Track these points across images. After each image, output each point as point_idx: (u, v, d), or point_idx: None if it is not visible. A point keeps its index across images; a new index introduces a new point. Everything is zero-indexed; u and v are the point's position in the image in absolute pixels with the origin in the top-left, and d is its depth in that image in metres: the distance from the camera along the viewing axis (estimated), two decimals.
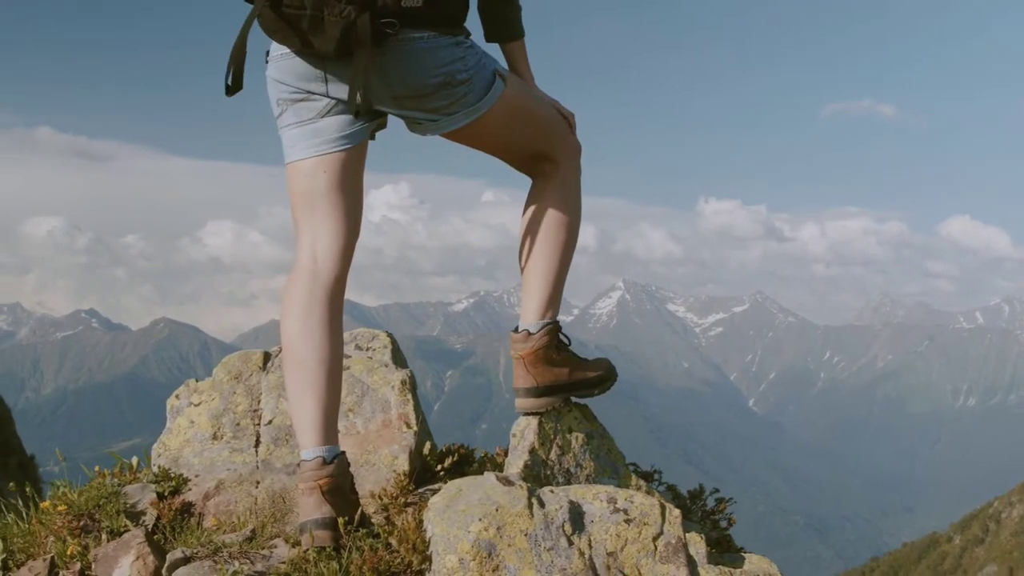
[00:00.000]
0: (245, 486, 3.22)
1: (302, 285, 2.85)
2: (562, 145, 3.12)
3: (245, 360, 3.70)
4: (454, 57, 2.78)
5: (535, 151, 3.10)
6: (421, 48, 2.72)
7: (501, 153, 3.14)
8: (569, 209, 3.14)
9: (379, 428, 3.44)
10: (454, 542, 2.52)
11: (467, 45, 2.83)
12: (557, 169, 3.12)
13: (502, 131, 3.01)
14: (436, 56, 2.75)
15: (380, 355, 3.69)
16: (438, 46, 2.75)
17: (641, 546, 2.65)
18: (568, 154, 3.13)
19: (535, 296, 3.14)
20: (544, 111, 3.09)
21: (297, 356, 2.81)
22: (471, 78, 2.82)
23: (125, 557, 2.68)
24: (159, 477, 3.29)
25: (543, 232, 3.13)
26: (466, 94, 2.82)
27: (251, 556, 2.72)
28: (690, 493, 3.65)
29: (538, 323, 3.13)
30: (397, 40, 2.67)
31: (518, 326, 3.17)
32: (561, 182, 3.13)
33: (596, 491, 2.75)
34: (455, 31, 2.80)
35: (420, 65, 2.74)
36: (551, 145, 3.10)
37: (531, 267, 3.14)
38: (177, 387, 3.71)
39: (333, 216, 2.87)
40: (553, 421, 3.15)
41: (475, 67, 2.84)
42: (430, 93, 2.79)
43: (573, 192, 3.15)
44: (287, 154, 2.88)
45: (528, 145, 3.09)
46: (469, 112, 2.86)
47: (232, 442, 3.46)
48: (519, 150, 3.12)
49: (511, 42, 3.07)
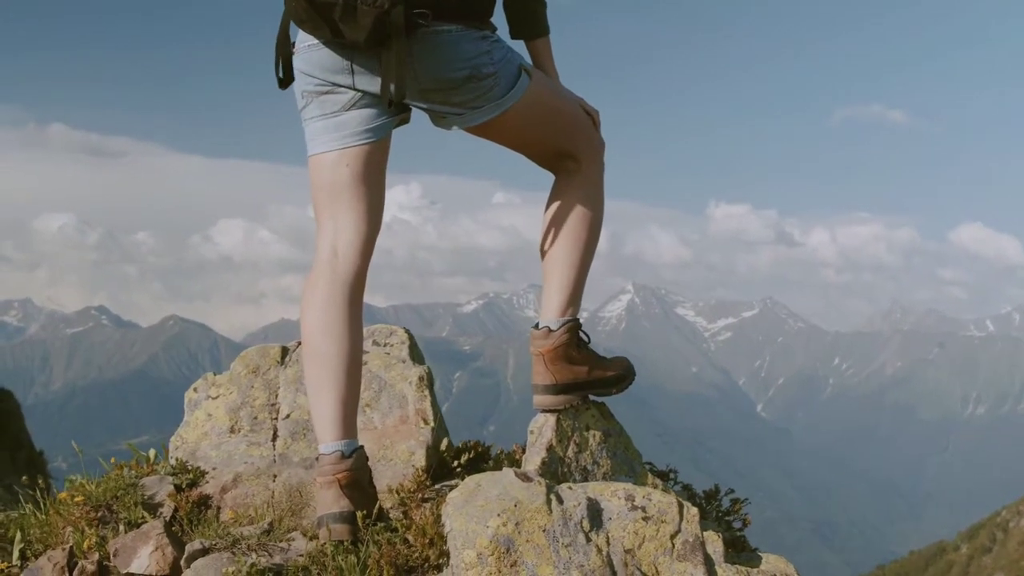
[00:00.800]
0: (262, 479, 3.23)
1: (323, 279, 2.85)
2: (586, 143, 3.11)
3: (263, 354, 3.71)
4: (481, 51, 2.78)
5: (558, 148, 3.09)
6: (449, 40, 2.73)
7: (524, 148, 3.13)
8: (591, 207, 3.13)
9: (396, 423, 3.44)
10: (472, 537, 2.52)
11: (493, 39, 2.84)
12: (580, 167, 3.11)
13: (526, 126, 3.00)
14: (463, 49, 2.75)
15: (398, 351, 3.70)
16: (465, 39, 2.75)
17: (659, 544, 2.65)
18: (592, 152, 3.12)
19: (556, 293, 3.14)
20: (569, 108, 3.08)
21: (317, 350, 2.81)
22: (497, 72, 2.82)
23: (144, 548, 2.69)
24: (177, 469, 3.30)
25: (565, 229, 3.12)
26: (492, 88, 2.82)
27: (269, 549, 2.73)
28: (705, 493, 3.66)
29: (559, 320, 3.12)
30: (425, 32, 2.68)
31: (538, 323, 3.17)
32: (584, 180, 3.12)
33: (614, 488, 2.74)
34: (482, 25, 2.81)
35: (447, 58, 2.74)
36: (574, 142, 3.09)
37: (552, 264, 3.14)
38: (186, 385, 3.73)
39: (355, 210, 2.88)
40: (571, 419, 3.15)
41: (501, 61, 2.84)
42: (456, 86, 2.79)
43: (595, 190, 3.14)
44: (310, 147, 2.88)
45: (552, 141, 3.08)
46: (494, 106, 2.86)
47: (250, 435, 3.47)
48: (542, 146, 3.11)
49: (536, 39, 3.06)
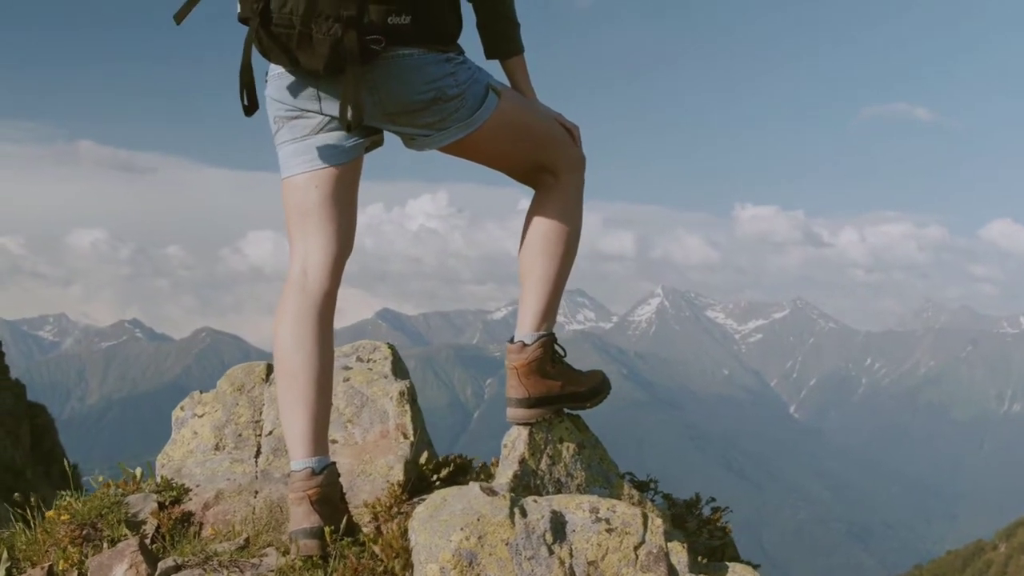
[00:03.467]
0: (244, 496, 3.30)
1: (293, 299, 2.92)
2: (563, 158, 3.15)
3: (248, 372, 3.78)
4: (444, 73, 2.83)
5: (534, 163, 3.14)
6: (410, 64, 2.77)
7: (500, 165, 3.18)
8: (568, 222, 3.17)
9: (377, 439, 3.50)
10: (435, 551, 2.57)
11: (458, 61, 2.88)
12: (557, 181, 3.15)
13: (498, 144, 3.05)
14: (425, 72, 2.80)
15: (380, 367, 3.75)
16: (427, 62, 2.79)
17: (622, 555, 2.69)
18: (569, 167, 3.16)
19: (531, 307, 3.18)
20: (542, 124, 3.12)
21: (288, 368, 2.88)
22: (462, 93, 2.87)
23: (119, 565, 2.76)
24: (161, 487, 3.38)
25: (541, 244, 3.16)
26: (458, 109, 2.87)
27: (240, 564, 2.79)
28: (686, 502, 3.69)
29: (533, 335, 3.17)
30: (386, 57, 2.72)
31: (513, 336, 3.21)
32: (561, 194, 3.16)
33: (579, 500, 2.79)
34: (445, 48, 2.85)
35: (410, 81, 2.79)
36: (551, 157, 3.13)
37: (528, 279, 3.18)
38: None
39: (324, 231, 2.94)
40: (544, 431, 3.19)
41: (467, 82, 2.88)
42: (421, 109, 2.84)
43: (573, 205, 3.19)
44: (283, 170, 2.95)
45: (526, 157, 3.13)
46: (462, 127, 2.90)
47: (233, 452, 3.54)
48: (517, 162, 3.16)
49: (511, 58, 3.10)
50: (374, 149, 3.08)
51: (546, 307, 3.19)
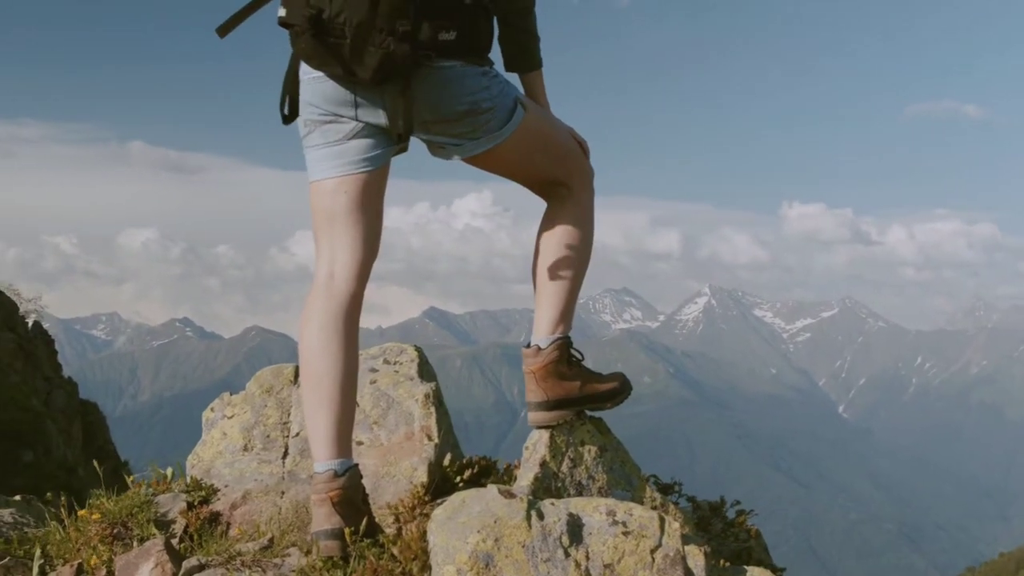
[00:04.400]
0: (271, 496, 3.35)
1: (319, 302, 2.97)
2: (577, 171, 3.23)
3: (277, 374, 3.84)
4: (480, 86, 2.91)
5: (551, 176, 3.22)
6: (451, 76, 2.85)
7: (518, 177, 3.26)
8: (581, 231, 3.24)
9: (402, 440, 3.54)
10: (452, 553, 2.60)
11: (492, 75, 2.96)
12: (571, 193, 3.23)
13: (520, 156, 3.12)
14: (464, 84, 2.87)
15: (407, 369, 3.79)
16: (466, 74, 2.87)
17: (639, 558, 2.70)
18: (582, 179, 3.24)
19: (546, 312, 3.23)
20: (561, 138, 3.20)
21: (313, 371, 2.92)
22: (495, 106, 2.94)
23: (145, 564, 2.83)
24: (190, 487, 3.44)
25: (555, 252, 3.23)
26: (489, 120, 2.95)
27: (263, 564, 2.85)
28: (710, 505, 3.70)
29: (548, 338, 3.21)
30: (428, 68, 2.80)
31: (529, 341, 3.26)
32: (574, 205, 3.24)
33: (596, 503, 2.80)
34: (482, 61, 2.93)
35: (449, 93, 2.86)
36: (566, 170, 3.21)
37: (543, 285, 3.24)
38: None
39: (351, 236, 2.99)
40: (565, 434, 3.22)
41: (499, 95, 2.96)
42: (457, 119, 2.91)
43: (586, 215, 3.26)
44: (311, 173, 3.00)
45: (544, 170, 3.20)
46: (492, 138, 2.98)
47: (261, 454, 3.60)
48: (535, 174, 3.23)
49: (530, 72, 3.17)
50: (399, 155, 3.13)
51: (560, 313, 3.24)
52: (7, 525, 3.61)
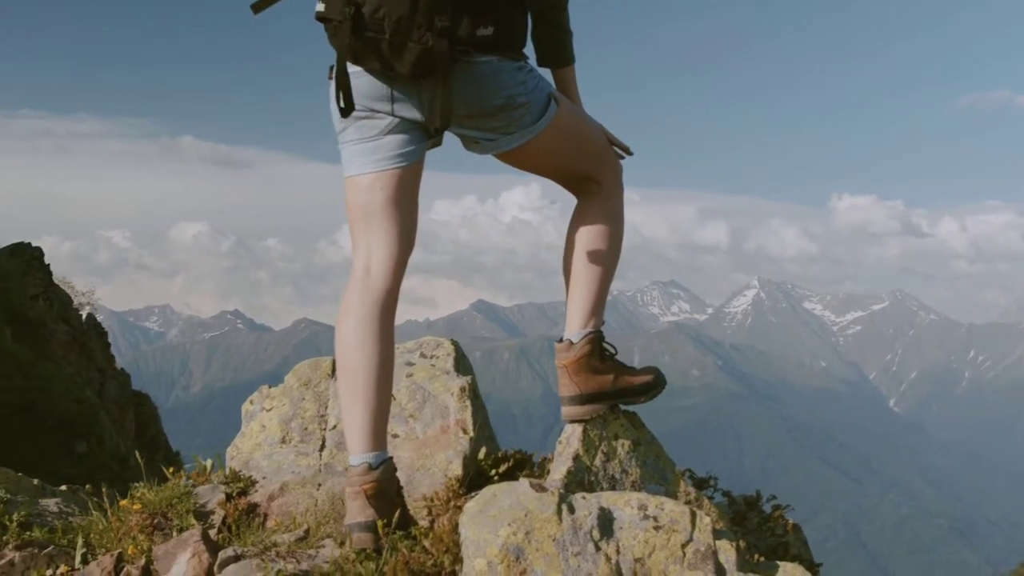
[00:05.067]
0: (307, 488, 3.39)
1: (356, 297, 3.00)
2: (607, 167, 3.25)
3: (315, 367, 3.89)
4: (516, 81, 2.93)
5: (581, 172, 3.24)
6: (487, 71, 2.87)
7: (549, 172, 3.28)
8: (612, 226, 3.26)
9: (437, 434, 3.56)
10: (483, 546, 2.62)
11: (528, 70, 2.98)
12: (601, 189, 3.25)
13: (552, 151, 3.13)
14: (500, 79, 2.89)
15: (443, 363, 3.82)
16: (502, 69, 2.90)
17: (669, 552, 2.70)
18: (612, 175, 3.26)
19: (578, 307, 3.25)
20: (592, 134, 3.22)
21: (349, 365, 2.96)
22: (529, 101, 2.96)
23: (183, 554, 2.87)
24: (229, 479, 3.49)
25: (586, 247, 3.25)
26: (523, 116, 2.97)
27: (298, 555, 2.88)
28: (746, 500, 3.68)
29: (580, 332, 3.22)
30: (465, 63, 2.82)
31: (562, 336, 3.27)
32: (605, 200, 3.25)
33: (628, 497, 2.81)
34: (517, 56, 2.95)
35: (485, 87, 2.89)
36: (596, 166, 3.23)
37: (574, 280, 3.27)
38: None
39: (388, 231, 3.01)
40: (599, 428, 3.23)
41: (534, 90, 2.98)
42: (492, 114, 2.93)
43: (616, 211, 3.28)
44: (347, 168, 3.03)
45: (575, 166, 3.22)
46: (525, 132, 3.00)
47: (299, 446, 3.64)
48: (566, 170, 3.25)
49: (563, 68, 3.19)
50: (432, 149, 3.16)
51: (592, 307, 3.26)
52: (52, 515, 3.69)
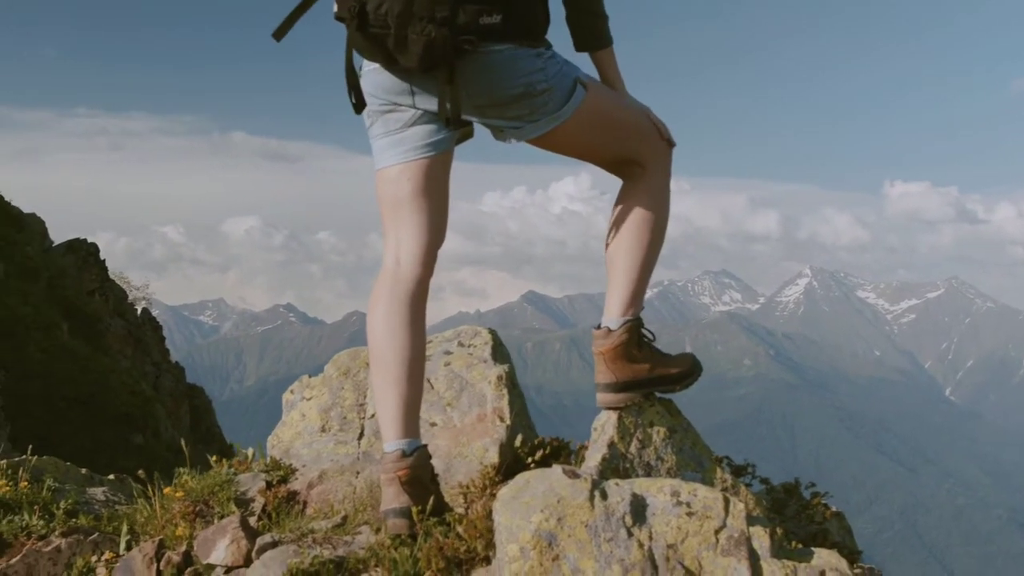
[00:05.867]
0: (346, 476, 3.43)
1: (385, 287, 3.03)
2: (650, 150, 3.20)
3: (353, 357, 3.93)
4: (534, 68, 2.90)
5: (621, 155, 3.21)
6: (502, 60, 2.86)
7: (588, 157, 3.25)
8: (655, 211, 3.22)
9: (474, 422, 3.58)
10: (516, 532, 2.64)
11: (547, 56, 2.95)
12: (645, 172, 3.21)
13: (585, 137, 3.11)
14: (516, 67, 2.88)
15: (480, 351, 3.84)
16: (518, 57, 2.88)
17: (702, 539, 2.70)
18: (655, 158, 3.22)
19: (617, 293, 3.24)
20: (630, 117, 3.18)
21: (380, 354, 2.99)
22: (551, 87, 2.94)
23: (222, 540, 2.93)
24: (269, 467, 3.55)
25: (628, 232, 3.22)
26: (546, 102, 2.95)
27: (334, 542, 2.92)
28: (785, 487, 3.67)
29: (619, 320, 3.22)
30: (478, 53, 2.81)
31: (600, 323, 3.27)
32: (648, 185, 3.22)
33: (661, 484, 2.81)
34: (535, 43, 2.93)
35: (500, 76, 2.87)
36: (637, 150, 3.19)
37: (614, 265, 3.24)
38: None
39: (416, 221, 3.04)
40: (634, 415, 3.23)
41: (555, 76, 2.96)
42: (511, 102, 2.92)
43: (661, 195, 3.24)
44: (376, 162, 3.07)
45: (613, 149, 3.19)
46: (551, 119, 2.98)
47: (338, 435, 3.69)
48: (605, 154, 3.22)
49: (599, 51, 3.17)
50: (465, 141, 3.17)
51: (632, 294, 3.24)
52: (99, 503, 3.77)
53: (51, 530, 3.28)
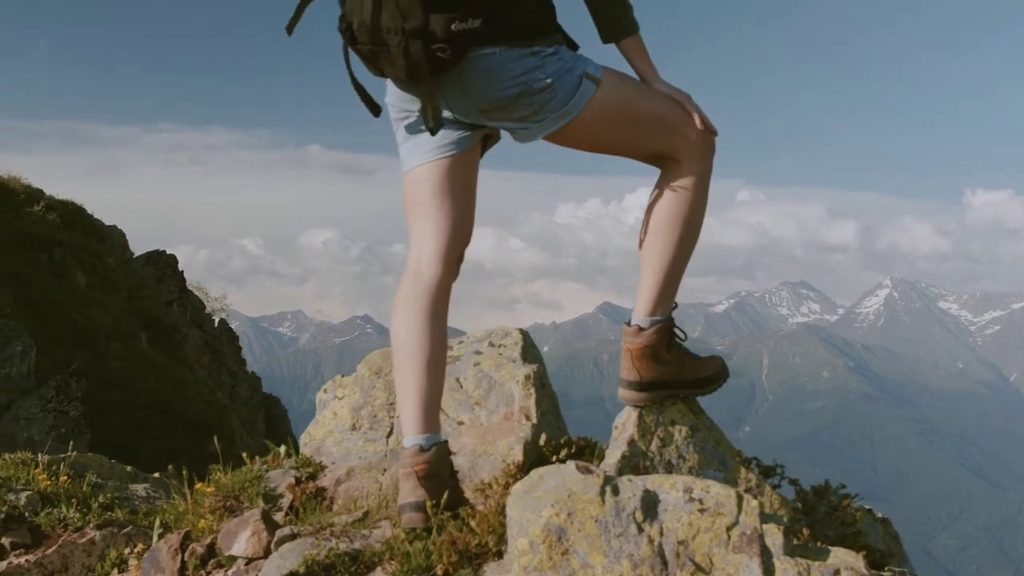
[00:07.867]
0: (373, 473, 3.49)
1: (407, 287, 3.09)
2: (683, 142, 3.08)
3: (385, 357, 3.99)
4: (529, 67, 2.86)
5: (649, 149, 3.12)
6: (492, 63, 2.84)
7: (614, 152, 3.16)
8: (689, 206, 3.12)
9: (501, 421, 3.61)
10: (526, 526, 2.66)
11: (546, 54, 2.89)
12: (679, 166, 3.10)
13: (603, 132, 3.05)
14: (508, 68, 2.85)
15: (510, 351, 3.87)
16: (509, 59, 2.85)
17: (714, 535, 2.69)
18: (690, 151, 3.09)
19: (649, 292, 3.19)
20: (654, 109, 3.06)
21: (401, 351, 3.04)
22: (552, 85, 2.88)
23: (243, 532, 3.00)
24: (299, 464, 3.62)
25: (660, 227, 3.15)
26: (549, 100, 2.90)
27: (351, 535, 2.97)
28: (814, 489, 3.62)
29: (649, 319, 3.18)
30: (469, 58, 2.82)
31: (630, 319, 3.25)
32: (682, 179, 3.11)
33: (673, 481, 2.80)
34: (530, 43, 2.87)
35: (494, 79, 2.86)
36: (665, 143, 3.09)
37: (646, 262, 3.19)
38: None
39: (435, 221, 3.08)
40: (655, 414, 3.23)
41: (556, 73, 2.89)
42: (510, 104, 2.90)
43: (696, 189, 3.12)
44: (402, 167, 3.14)
45: (638, 143, 3.11)
46: (557, 117, 2.93)
47: (368, 433, 3.74)
48: (631, 148, 3.14)
49: (623, 40, 3.07)
50: (492, 144, 3.20)
51: (662, 292, 3.19)
52: (140, 499, 3.88)
53: (87, 523, 3.39)
